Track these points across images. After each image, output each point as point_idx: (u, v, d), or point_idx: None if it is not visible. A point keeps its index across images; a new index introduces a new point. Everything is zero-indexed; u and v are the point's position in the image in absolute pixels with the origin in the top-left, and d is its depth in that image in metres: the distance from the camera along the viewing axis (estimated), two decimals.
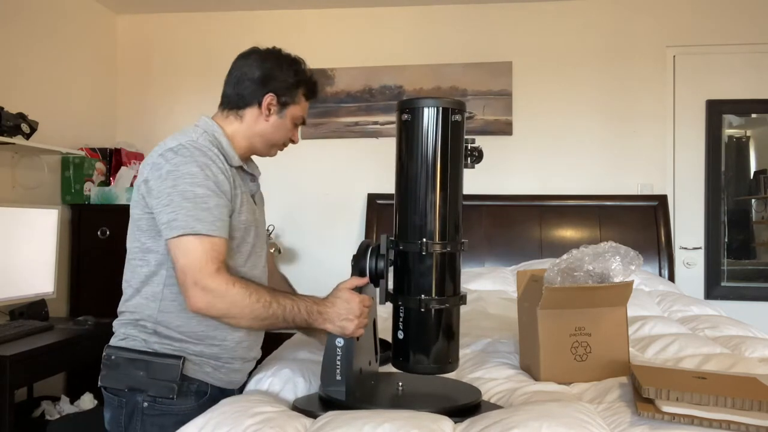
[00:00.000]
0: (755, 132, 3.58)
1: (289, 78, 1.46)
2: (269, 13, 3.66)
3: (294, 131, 1.52)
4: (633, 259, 1.41)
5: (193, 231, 1.26)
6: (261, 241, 1.51)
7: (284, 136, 1.50)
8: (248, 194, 1.46)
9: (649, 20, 3.46)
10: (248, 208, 1.44)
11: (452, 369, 1.29)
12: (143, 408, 1.33)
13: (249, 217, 1.43)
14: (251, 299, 1.28)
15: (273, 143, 1.50)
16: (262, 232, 1.54)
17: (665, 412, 1.05)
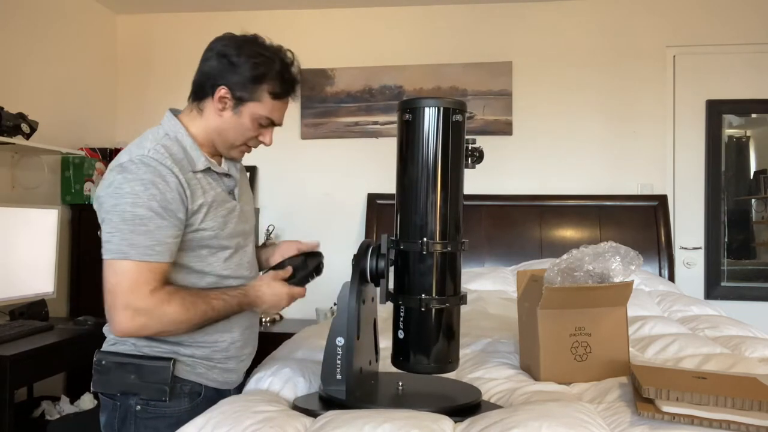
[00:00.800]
0: (755, 132, 3.58)
1: (246, 72, 1.32)
2: (269, 13, 3.66)
3: (262, 131, 1.40)
4: (633, 259, 1.41)
5: (124, 256, 1.23)
6: (246, 234, 1.48)
7: (242, 135, 1.39)
8: (225, 193, 1.41)
9: (649, 20, 3.46)
10: (224, 211, 1.38)
11: (452, 369, 1.29)
12: (136, 411, 1.32)
13: (222, 220, 1.37)
14: (189, 314, 1.27)
15: (230, 143, 1.40)
16: (248, 224, 1.49)
17: (665, 412, 1.05)
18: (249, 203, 1.53)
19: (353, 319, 1.25)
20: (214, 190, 1.38)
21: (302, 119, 3.64)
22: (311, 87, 3.63)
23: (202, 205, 1.33)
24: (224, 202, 1.40)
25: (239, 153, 1.44)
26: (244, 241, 1.46)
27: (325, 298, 3.38)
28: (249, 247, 1.49)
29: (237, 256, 1.43)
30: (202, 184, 1.35)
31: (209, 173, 1.38)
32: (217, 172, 1.40)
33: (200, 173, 1.35)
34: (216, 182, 1.39)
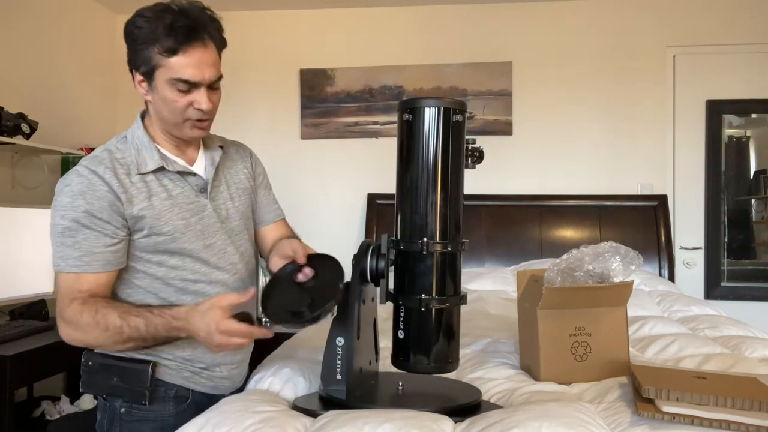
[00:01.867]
0: (755, 132, 3.58)
1: (138, 44, 1.24)
2: (269, 13, 3.66)
3: (191, 97, 1.26)
4: (633, 259, 1.41)
5: (59, 269, 1.25)
6: (228, 233, 1.39)
7: (174, 109, 1.27)
8: (191, 192, 1.34)
9: (649, 20, 3.46)
10: (186, 213, 1.32)
11: (452, 369, 1.29)
12: (121, 413, 1.31)
13: (183, 222, 1.31)
14: (99, 328, 1.21)
15: (172, 122, 1.30)
16: (230, 222, 1.40)
17: (665, 412, 1.05)
18: (237, 199, 1.44)
19: (353, 319, 1.25)
20: (172, 191, 1.32)
21: (302, 119, 3.64)
22: (311, 87, 3.63)
23: (144, 210, 1.27)
24: (187, 202, 1.33)
25: (190, 129, 1.31)
26: (223, 241, 1.38)
27: None
28: (231, 247, 1.39)
29: (212, 257, 1.35)
30: (151, 187, 1.29)
31: (165, 173, 1.32)
32: (177, 171, 1.33)
33: (151, 174, 1.30)
34: (177, 182, 1.33)
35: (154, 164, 1.30)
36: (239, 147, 1.54)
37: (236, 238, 1.42)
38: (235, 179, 1.46)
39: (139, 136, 1.34)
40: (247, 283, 1.45)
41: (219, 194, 1.40)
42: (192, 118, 1.29)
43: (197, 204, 1.35)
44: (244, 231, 1.45)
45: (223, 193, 1.41)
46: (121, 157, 1.30)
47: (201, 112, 1.28)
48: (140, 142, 1.33)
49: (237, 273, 1.41)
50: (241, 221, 1.44)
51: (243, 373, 1.48)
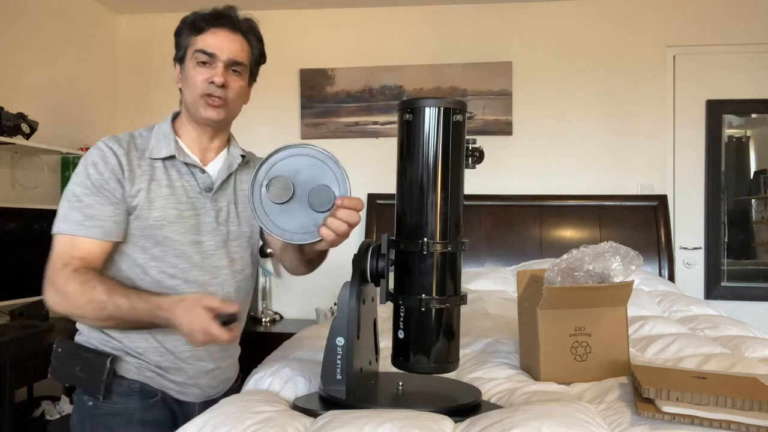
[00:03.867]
0: (755, 132, 3.58)
1: (178, 38, 1.40)
2: (269, 12, 3.66)
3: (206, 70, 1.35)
4: (633, 259, 1.41)
5: (59, 231, 1.28)
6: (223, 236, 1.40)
7: (193, 82, 1.35)
8: (195, 187, 1.38)
9: (649, 20, 3.46)
10: (183, 206, 1.36)
11: (452, 369, 1.29)
12: (89, 407, 1.32)
13: (176, 212, 1.34)
14: (83, 299, 1.22)
15: (192, 99, 1.37)
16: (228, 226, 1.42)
17: (665, 412, 1.05)
18: (242, 204, 1.46)
19: (353, 319, 1.25)
20: (175, 182, 1.36)
21: (302, 119, 3.64)
22: (311, 87, 3.63)
23: (141, 191, 1.32)
24: (188, 195, 1.38)
25: (205, 108, 1.36)
26: (214, 243, 1.39)
27: (325, 298, 3.39)
28: (221, 251, 1.40)
29: (196, 255, 1.36)
30: (155, 173, 1.35)
31: (175, 163, 1.38)
32: (186, 163, 1.39)
33: (161, 162, 1.36)
34: (184, 175, 1.39)
35: (166, 152, 1.36)
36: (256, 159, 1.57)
37: (231, 243, 1.42)
38: (243, 187, 1.47)
39: (163, 127, 1.41)
40: (229, 292, 1.40)
41: (224, 196, 1.43)
42: (206, 94, 1.35)
43: (198, 200, 1.39)
44: (243, 238, 1.45)
45: (229, 197, 1.44)
46: (141, 142, 1.38)
47: (215, 87, 1.34)
48: (163, 132, 1.40)
49: (219, 278, 1.39)
50: (241, 228, 1.45)
51: (218, 384, 1.45)
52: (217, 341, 1.17)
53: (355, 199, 1.20)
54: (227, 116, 1.42)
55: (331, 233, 1.17)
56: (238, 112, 1.47)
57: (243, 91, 1.43)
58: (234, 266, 1.42)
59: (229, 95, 1.38)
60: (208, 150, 1.44)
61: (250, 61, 1.44)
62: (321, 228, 1.16)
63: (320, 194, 1.20)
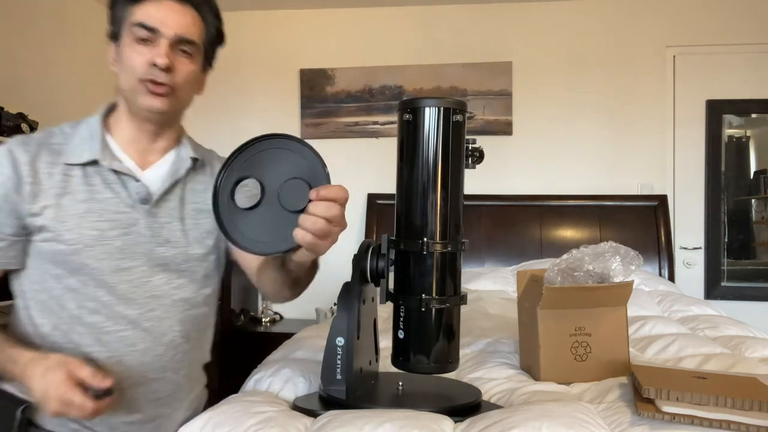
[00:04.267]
0: (755, 132, 3.58)
1: (112, 11, 1.14)
2: (269, 13, 3.66)
3: (147, 49, 1.09)
4: (633, 259, 1.41)
5: None
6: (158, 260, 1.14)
7: (131, 64, 1.09)
8: (124, 200, 1.13)
9: (649, 20, 3.46)
10: (105, 224, 1.10)
11: (452, 369, 1.29)
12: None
13: (96, 234, 1.09)
14: None
15: (129, 85, 1.11)
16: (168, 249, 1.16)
17: (665, 412, 1.05)
18: (191, 221, 1.20)
19: (353, 319, 1.25)
20: (97, 194, 1.11)
21: (302, 119, 3.64)
22: (311, 87, 3.63)
23: (48, 208, 1.08)
24: (114, 211, 1.12)
25: (145, 96, 1.11)
26: (148, 269, 1.14)
27: (325, 298, 3.39)
28: (157, 278, 1.15)
29: (122, 285, 1.11)
30: (70, 184, 1.10)
31: (99, 170, 1.12)
32: (115, 171, 1.13)
33: (79, 169, 1.11)
34: (112, 184, 1.13)
35: (88, 156, 1.11)
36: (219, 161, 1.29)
37: (172, 268, 1.17)
38: (196, 198, 1.22)
39: (91, 123, 1.15)
40: (171, 326, 1.17)
41: (164, 211, 1.17)
42: (147, 79, 1.09)
43: (127, 216, 1.13)
44: (192, 261, 1.20)
45: (172, 212, 1.18)
46: (58, 142, 1.13)
47: (157, 71, 1.08)
48: (89, 129, 1.14)
49: (156, 311, 1.15)
50: (189, 249, 1.19)
51: None
52: (77, 414, 0.97)
53: (334, 187, 0.95)
54: (174, 107, 1.15)
55: (306, 234, 0.93)
56: (188, 103, 1.20)
57: (195, 77, 1.17)
58: (177, 295, 1.18)
59: (176, 81, 1.12)
60: (148, 152, 1.19)
61: (204, 41, 1.17)
62: (294, 230, 0.94)
63: (293, 190, 0.97)
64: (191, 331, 1.22)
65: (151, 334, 1.15)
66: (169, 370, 1.20)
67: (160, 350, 1.17)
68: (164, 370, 1.19)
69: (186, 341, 1.21)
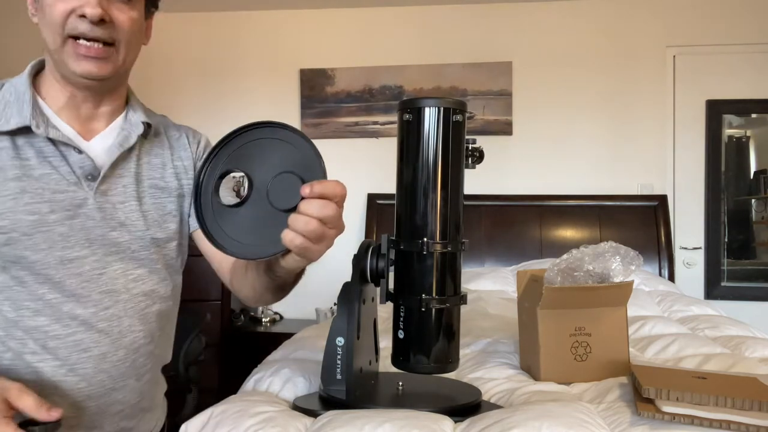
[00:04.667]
0: (755, 132, 3.58)
1: None
2: (269, 13, 3.66)
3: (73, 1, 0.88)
4: (633, 259, 1.41)
5: None
6: (94, 249, 0.94)
7: (53, 20, 0.88)
8: (65, 175, 0.93)
9: (649, 20, 3.46)
10: (45, 205, 0.91)
11: (452, 369, 1.29)
12: None
13: (35, 219, 0.90)
14: None
15: (53, 44, 0.90)
16: (123, 233, 0.97)
17: (665, 412, 1.05)
18: (149, 200, 1.01)
19: (353, 319, 1.25)
20: (32, 169, 0.91)
21: (302, 119, 3.64)
22: (311, 87, 3.63)
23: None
24: (54, 190, 0.92)
25: (74, 59, 0.90)
26: (99, 258, 0.95)
27: (325, 298, 3.39)
28: (112, 269, 0.96)
29: (69, 279, 0.92)
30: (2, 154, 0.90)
31: (33, 140, 0.91)
32: (51, 139, 0.91)
33: (7, 139, 0.90)
34: (49, 157, 0.92)
35: (17, 122, 0.90)
36: (184, 134, 1.11)
37: (129, 256, 0.98)
38: (152, 173, 1.03)
39: (17, 83, 0.95)
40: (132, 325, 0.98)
41: (116, 188, 0.98)
42: (75, 35, 0.88)
43: (71, 196, 0.93)
44: (153, 247, 1.01)
45: (127, 189, 0.99)
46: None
47: (86, 25, 0.87)
48: (15, 91, 0.93)
49: (112, 308, 0.96)
50: (149, 231, 1.00)
51: None
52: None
53: (330, 182, 0.83)
54: (117, 69, 0.94)
55: (296, 236, 0.79)
56: (133, 60, 0.98)
57: (137, 27, 0.95)
58: (136, 288, 1.00)
59: (115, 36, 0.90)
60: (91, 119, 0.98)
61: None
62: (283, 232, 0.80)
63: (284, 186, 0.84)
64: (154, 330, 1.03)
65: (109, 336, 0.96)
66: (132, 377, 1.02)
67: (120, 354, 0.98)
68: (126, 378, 1.01)
69: (149, 342, 1.03)
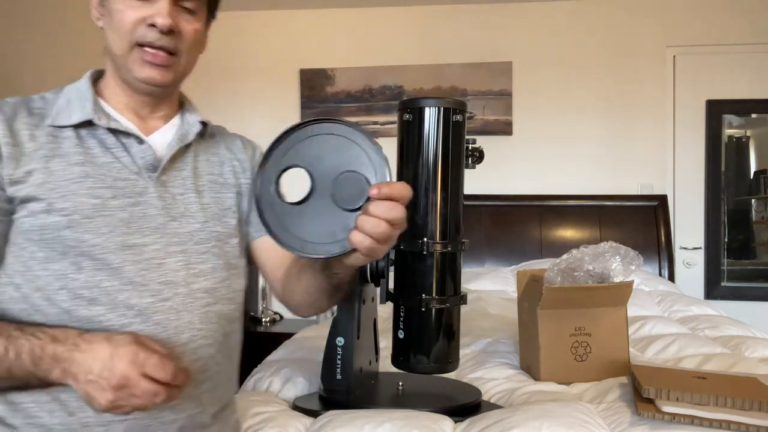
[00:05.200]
0: (755, 132, 3.58)
1: None
2: (269, 13, 3.66)
3: (141, 4, 0.90)
4: (633, 259, 1.42)
5: None
6: (156, 237, 0.91)
7: (121, 23, 0.91)
8: (116, 168, 0.91)
9: (649, 20, 3.46)
10: (107, 191, 0.89)
11: (452, 369, 1.29)
12: None
13: (97, 202, 0.88)
14: None
15: (120, 49, 0.92)
16: (169, 221, 0.93)
17: (665, 412, 1.05)
18: (209, 194, 1.00)
19: (353, 319, 1.25)
20: (96, 158, 0.91)
21: (302, 119, 3.64)
22: (311, 87, 3.63)
23: (36, 173, 0.87)
24: (117, 177, 0.91)
25: (140, 65, 0.92)
26: (161, 247, 0.91)
27: None
28: (174, 260, 0.92)
29: (129, 267, 0.88)
30: (61, 146, 0.90)
31: (95, 132, 0.92)
32: (113, 130, 0.92)
33: (71, 130, 0.91)
34: (111, 148, 0.92)
35: (80, 116, 0.91)
36: (239, 139, 1.16)
37: (191, 249, 0.94)
38: (210, 169, 1.03)
39: (78, 86, 0.97)
40: (191, 322, 0.92)
41: (175, 180, 0.96)
42: (143, 42, 0.89)
43: (132, 183, 0.92)
44: (212, 241, 0.97)
45: (186, 181, 0.97)
46: (39, 107, 0.94)
47: (156, 34, 0.89)
48: (77, 90, 0.96)
49: (170, 300, 0.90)
50: (207, 225, 0.97)
51: None
52: (135, 399, 0.77)
53: (397, 184, 0.79)
54: (177, 78, 0.97)
55: (365, 238, 0.77)
56: (192, 67, 1.00)
57: (200, 38, 0.98)
58: (197, 283, 0.94)
59: (180, 46, 0.92)
60: (149, 119, 1.00)
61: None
62: (351, 233, 0.78)
63: (349, 185, 0.81)
64: (216, 333, 0.95)
65: (165, 330, 0.88)
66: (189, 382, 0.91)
67: (176, 352, 0.89)
68: None
69: (209, 344, 0.94)
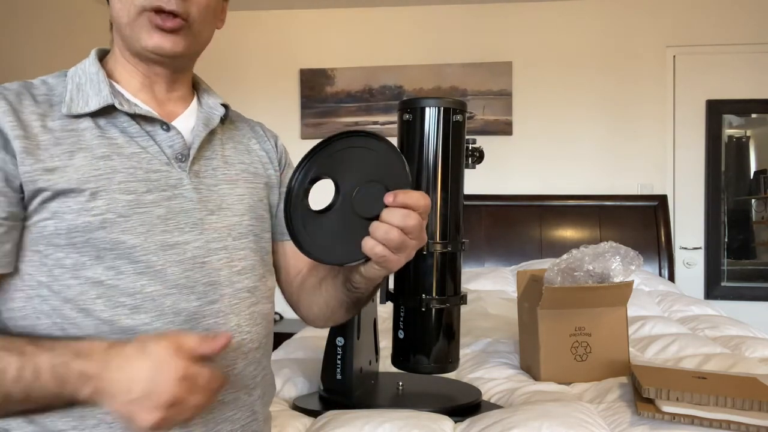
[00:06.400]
0: (755, 132, 3.58)
1: None
2: (269, 13, 3.66)
3: None
4: (633, 259, 1.42)
5: None
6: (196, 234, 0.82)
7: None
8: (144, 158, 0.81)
9: (649, 20, 3.46)
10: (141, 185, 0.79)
11: (452, 369, 1.29)
12: None
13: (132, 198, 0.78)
14: None
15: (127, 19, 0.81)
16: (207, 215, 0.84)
17: (665, 412, 1.05)
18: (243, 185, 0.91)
19: (353, 319, 1.25)
20: (122, 148, 0.80)
21: (302, 119, 3.64)
22: (311, 87, 3.63)
23: (53, 171, 0.75)
24: (147, 169, 0.81)
25: (148, 33, 0.81)
26: (202, 245, 0.83)
27: None
28: (217, 257, 0.84)
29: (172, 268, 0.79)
30: (82, 138, 0.79)
31: (116, 118, 0.82)
32: (135, 117, 0.82)
33: (89, 120, 0.80)
34: (135, 136, 0.82)
35: (98, 102, 0.80)
36: (260, 125, 1.08)
37: (231, 245, 0.86)
38: (240, 158, 0.94)
39: (85, 68, 0.85)
40: (240, 326, 0.85)
41: (207, 170, 0.87)
42: (149, 8, 0.80)
43: (166, 175, 0.82)
44: (250, 236, 0.89)
45: (217, 171, 0.88)
46: (43, 93, 0.81)
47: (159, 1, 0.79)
48: (87, 73, 0.84)
49: (218, 303, 0.83)
50: (244, 219, 0.89)
51: None
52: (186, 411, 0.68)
53: (414, 192, 0.75)
54: (190, 48, 0.86)
55: (376, 244, 0.74)
56: (207, 41, 0.90)
57: (214, 4, 0.87)
58: (240, 282, 0.86)
59: (191, 10, 0.82)
60: (166, 102, 0.88)
61: None
62: (363, 239, 0.75)
63: (368, 194, 0.80)
64: (261, 335, 0.90)
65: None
66: (241, 389, 0.85)
67: (228, 359, 0.82)
68: (235, 389, 0.84)
69: (257, 347, 0.89)
